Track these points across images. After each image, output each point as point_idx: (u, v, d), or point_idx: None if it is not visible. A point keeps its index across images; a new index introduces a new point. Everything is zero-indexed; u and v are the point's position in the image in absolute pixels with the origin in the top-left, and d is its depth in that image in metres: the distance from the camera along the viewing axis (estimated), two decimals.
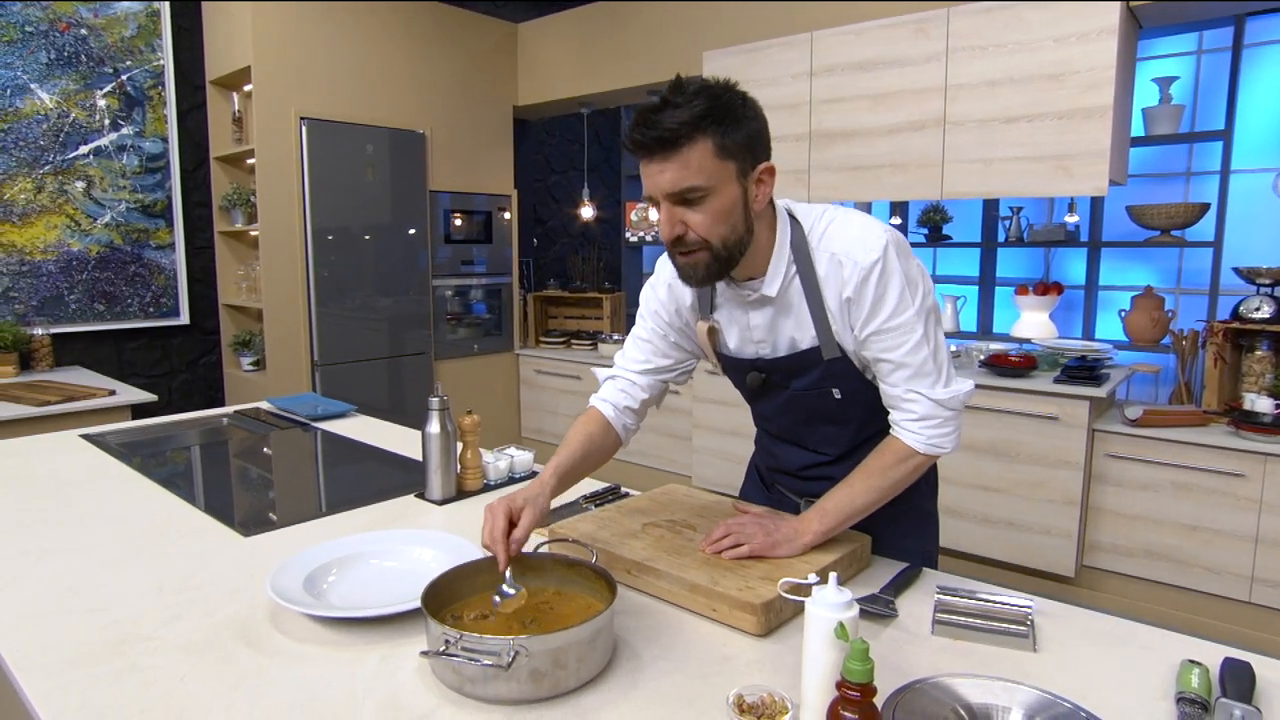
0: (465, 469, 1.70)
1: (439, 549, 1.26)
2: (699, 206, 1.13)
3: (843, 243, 1.20)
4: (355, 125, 4.00)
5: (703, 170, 1.10)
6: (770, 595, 1.10)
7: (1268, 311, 2.75)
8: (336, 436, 2.20)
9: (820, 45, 3.39)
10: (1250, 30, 3.39)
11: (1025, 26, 2.82)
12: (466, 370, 4.67)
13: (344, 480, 1.90)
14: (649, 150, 1.11)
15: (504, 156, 4.79)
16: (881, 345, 1.21)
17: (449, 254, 4.51)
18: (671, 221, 1.14)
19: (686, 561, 1.21)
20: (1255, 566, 2.64)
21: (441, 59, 4.38)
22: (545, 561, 1.14)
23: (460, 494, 1.68)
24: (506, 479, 1.79)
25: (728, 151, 1.11)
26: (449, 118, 4.44)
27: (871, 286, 1.18)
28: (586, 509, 1.58)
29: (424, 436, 1.63)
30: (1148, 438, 2.77)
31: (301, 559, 1.21)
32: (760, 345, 1.32)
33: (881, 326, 1.20)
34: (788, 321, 1.27)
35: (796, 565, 1.21)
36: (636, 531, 1.34)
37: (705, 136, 1.09)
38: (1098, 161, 2.73)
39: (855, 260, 1.18)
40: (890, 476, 1.25)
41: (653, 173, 1.13)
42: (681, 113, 1.08)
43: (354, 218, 4.03)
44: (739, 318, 1.32)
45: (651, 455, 4.34)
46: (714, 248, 1.15)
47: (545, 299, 5.16)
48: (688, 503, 1.50)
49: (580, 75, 4.49)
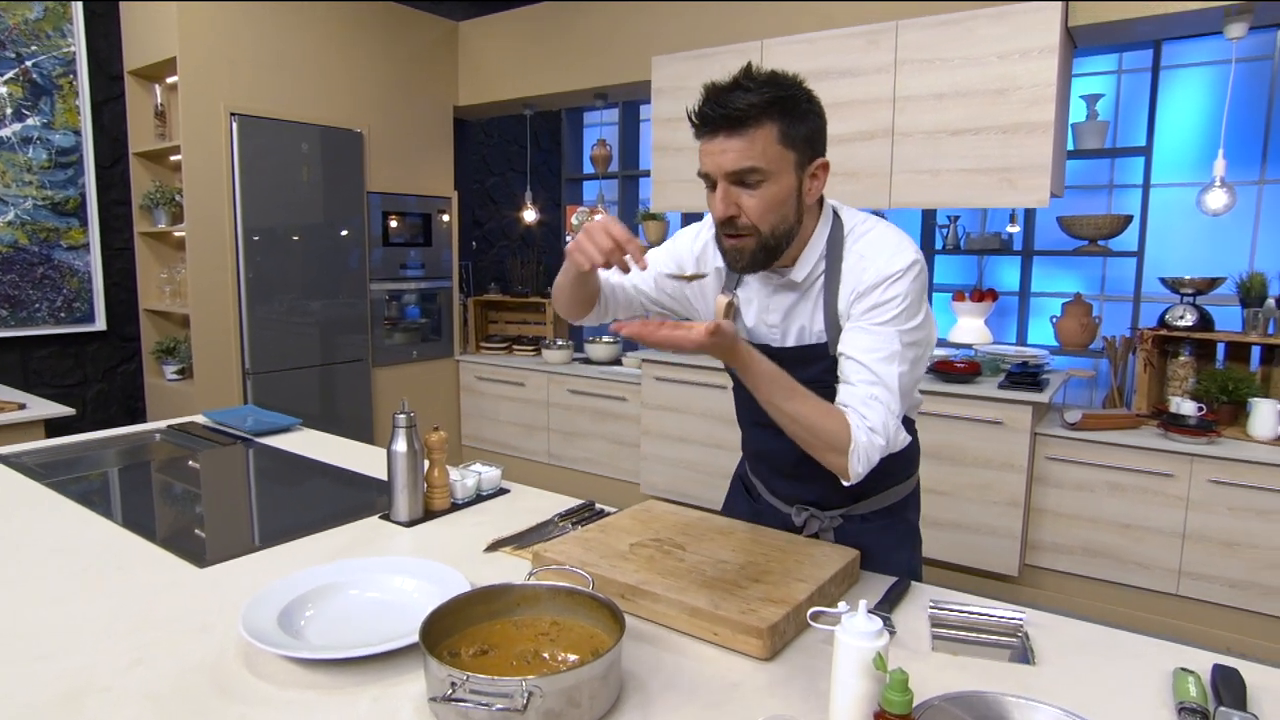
0: (432, 488, 1.63)
1: (420, 578, 1.20)
2: (755, 190, 1.15)
3: (873, 248, 1.22)
4: (289, 122, 3.82)
5: (765, 154, 1.13)
6: (775, 618, 1.08)
7: (1191, 319, 2.91)
8: (284, 453, 2.08)
9: (771, 53, 3.42)
10: (1166, 53, 3.59)
11: (972, 42, 2.91)
12: (405, 377, 4.53)
13: (300, 502, 1.80)
14: (715, 127, 1.13)
15: (444, 157, 4.67)
16: (860, 343, 1.18)
17: (387, 257, 4.37)
18: (726, 201, 1.16)
19: (683, 584, 1.19)
20: (1182, 561, 2.79)
21: (380, 56, 4.24)
22: (540, 591, 1.09)
23: (427, 514, 1.61)
24: (474, 497, 1.73)
25: (789, 140, 1.14)
26: (387, 117, 4.30)
27: (879, 288, 1.19)
28: (565, 529, 1.54)
29: (390, 455, 1.55)
30: (1085, 440, 2.89)
31: (273, 593, 1.13)
32: (772, 330, 1.33)
33: (867, 327, 1.18)
34: (804, 311, 1.29)
35: (792, 584, 1.20)
36: (624, 553, 1.31)
37: (771, 122, 1.12)
38: (1040, 174, 2.84)
39: (877, 266, 1.20)
40: (815, 425, 1.13)
41: (714, 150, 1.15)
42: (751, 95, 1.11)
43: (288, 219, 3.85)
44: (761, 298, 1.33)
45: (599, 463, 4.30)
46: (763, 235, 1.17)
47: (486, 303, 5.06)
48: (671, 520, 1.47)
49: (524, 76, 4.42)
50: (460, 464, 1.79)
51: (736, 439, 1.67)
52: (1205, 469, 2.69)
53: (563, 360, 4.51)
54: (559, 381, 4.40)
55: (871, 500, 1.43)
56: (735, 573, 1.23)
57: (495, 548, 1.44)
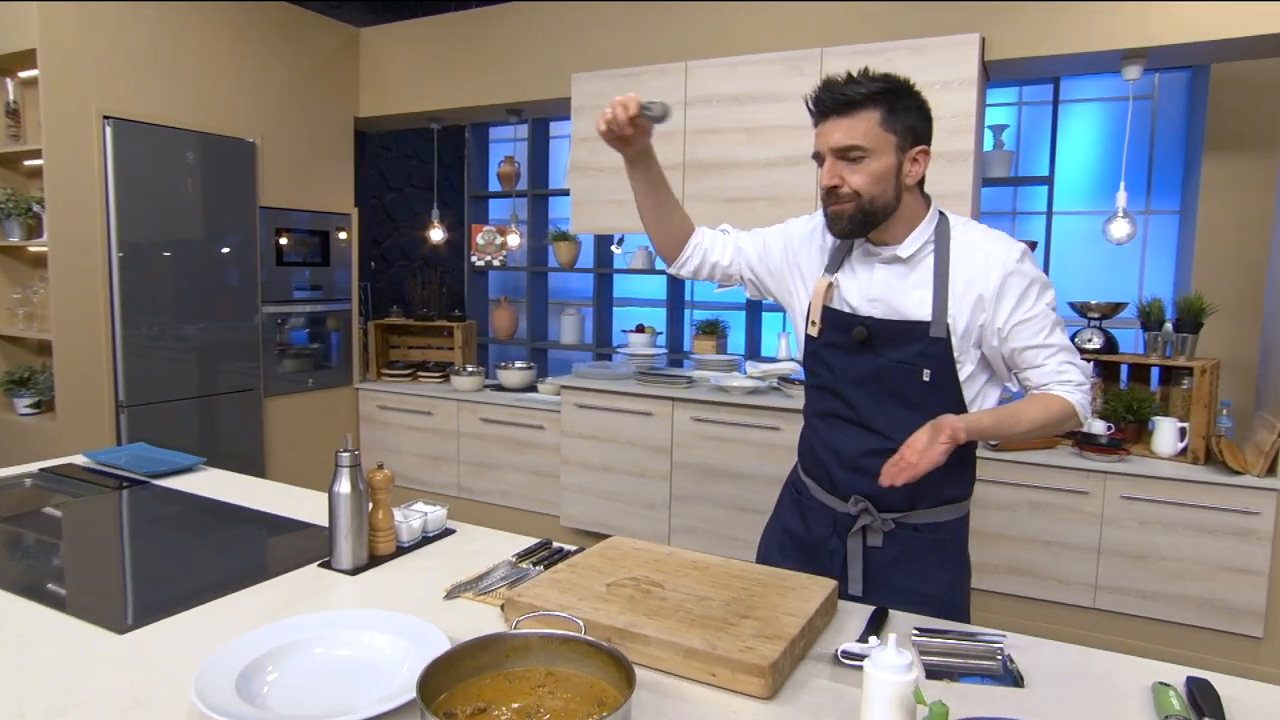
0: (377, 531, 1.56)
1: (390, 632, 1.14)
2: (857, 165, 1.38)
3: (986, 241, 1.45)
4: (172, 129, 3.61)
5: (867, 135, 1.36)
6: (774, 654, 1.10)
7: (1098, 342, 3.17)
8: (191, 497, 1.94)
9: (696, 75, 3.51)
10: (1064, 88, 3.92)
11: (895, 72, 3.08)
12: (300, 407, 4.32)
13: (223, 553, 1.68)
14: (826, 110, 1.39)
15: (343, 171, 4.52)
16: (1029, 332, 1.43)
17: (280, 277, 4.17)
18: (831, 174, 1.39)
19: (672, 624, 1.18)
20: (1098, 575, 3.00)
21: (275, 61, 4.07)
22: (531, 640, 1.06)
23: (372, 560, 1.54)
24: (420, 539, 1.66)
25: (890, 125, 1.38)
26: (282, 126, 4.13)
27: (1015, 284, 1.42)
28: (527, 570, 1.50)
29: (332, 497, 1.48)
30: (1007, 461, 3.08)
31: (227, 656, 1.05)
32: (875, 304, 1.49)
33: (1026, 316, 1.43)
34: (907, 288, 1.46)
35: (781, 618, 1.21)
36: (603, 594, 1.29)
37: (876, 108, 1.37)
38: (962, 202, 3.04)
39: (998, 258, 1.42)
40: (1047, 420, 1.42)
41: (825, 131, 1.40)
42: (861, 86, 1.37)
43: (170, 234, 3.62)
44: (863, 274, 1.51)
45: (514, 495, 4.23)
46: (862, 201, 1.39)
47: (387, 327, 4.90)
48: (640, 557, 1.46)
49: (432, 89, 4.35)
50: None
51: (661, 468, 1.74)
52: (1117, 485, 2.92)
53: (473, 387, 4.42)
54: (470, 410, 4.31)
55: (927, 512, 1.52)
56: (722, 609, 1.24)
57: (455, 594, 1.39)
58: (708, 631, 1.16)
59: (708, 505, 3.60)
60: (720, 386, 3.65)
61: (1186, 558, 2.86)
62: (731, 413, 3.50)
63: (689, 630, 1.16)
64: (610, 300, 5.12)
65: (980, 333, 1.44)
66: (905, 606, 1.38)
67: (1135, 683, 1.15)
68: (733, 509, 3.55)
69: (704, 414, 3.56)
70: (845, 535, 1.54)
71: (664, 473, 3.69)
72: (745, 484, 3.51)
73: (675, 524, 3.66)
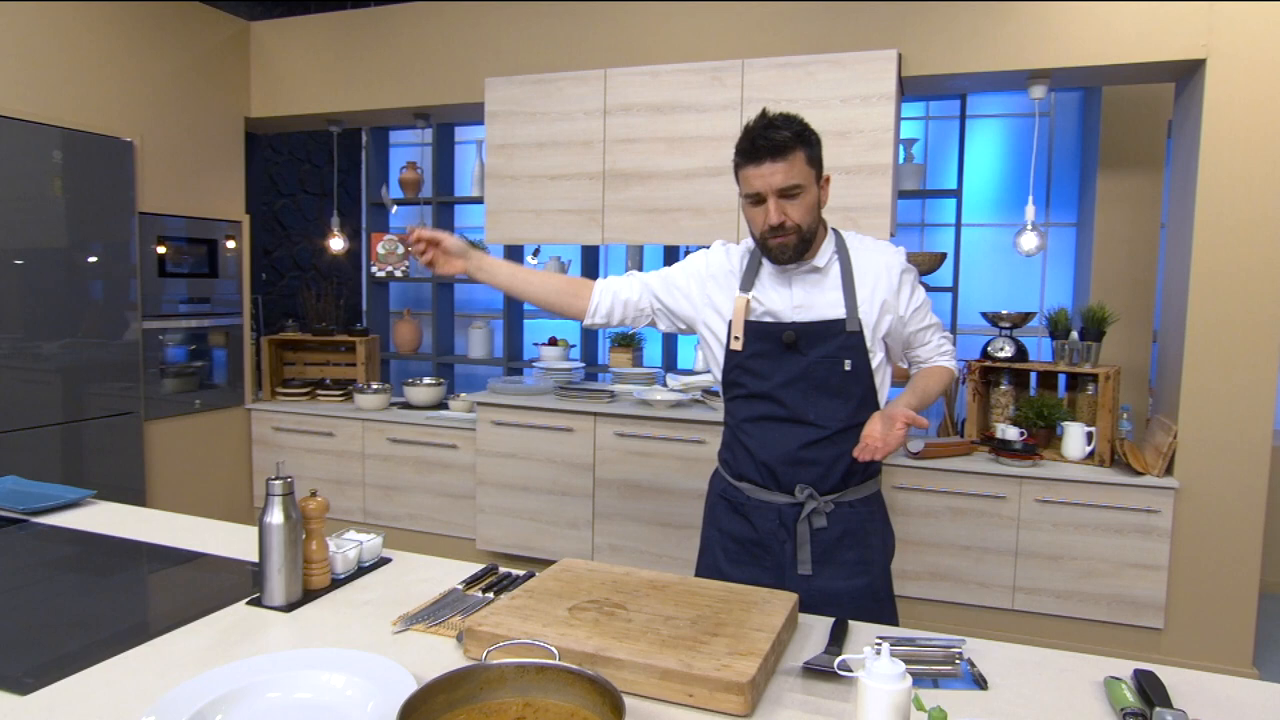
0: (311, 563, 1.50)
1: (347, 671, 1.11)
2: (796, 200, 1.61)
3: (876, 247, 1.76)
4: (36, 124, 3.36)
5: (802, 173, 1.60)
6: (752, 670, 1.12)
7: (1010, 351, 3.37)
8: (85, 534, 1.81)
9: (615, 83, 3.55)
10: (970, 104, 4.16)
11: (816, 85, 3.22)
12: (186, 431, 4.08)
13: (135, 594, 1.57)
14: (762, 155, 1.58)
15: (233, 175, 4.32)
16: (919, 316, 1.78)
17: (163, 289, 3.94)
18: (779, 212, 1.60)
19: (643, 646, 1.19)
20: (1016, 577, 3.19)
21: (154, 53, 3.85)
22: (506, 671, 1.05)
23: (306, 595, 1.48)
24: (355, 569, 1.61)
25: (812, 161, 1.63)
26: (165, 125, 3.91)
27: (907, 279, 1.75)
28: (477, 598, 1.48)
29: (263, 529, 1.42)
30: (927, 469, 3.23)
31: (170, 707, 0.99)
32: (799, 310, 1.71)
33: (918, 304, 1.77)
34: (824, 293, 1.71)
35: (751, 634, 1.24)
36: (566, 618, 1.29)
37: (802, 148, 1.60)
38: (882, 214, 3.18)
39: (892, 261, 1.73)
40: (942, 386, 1.80)
41: (764, 174, 1.59)
42: (786, 131, 1.58)
43: (33, 241, 3.36)
44: (782, 288, 1.73)
45: (425, 519, 4.12)
46: (803, 231, 1.64)
47: (281, 343, 4.70)
48: (596, 579, 1.46)
49: (332, 89, 4.22)
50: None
51: (584, 485, 1.85)
52: (1032, 489, 3.12)
53: (379, 405, 4.30)
54: (377, 429, 4.19)
55: (858, 488, 1.75)
56: (690, 628, 1.26)
57: (405, 627, 1.35)
58: (680, 651, 1.17)
59: (632, 522, 3.62)
60: (644, 400, 3.68)
61: (1096, 557, 3.07)
62: (655, 427, 3.53)
63: (662, 651, 1.17)
64: (521, 312, 5.08)
65: (889, 324, 1.72)
66: (852, 576, 1.72)
67: (1088, 679, 1.23)
68: (658, 525, 3.58)
69: (627, 429, 3.58)
70: (793, 524, 1.73)
71: (586, 490, 3.68)
72: (670, 499, 3.54)
73: (599, 542, 3.66)
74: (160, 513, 1.99)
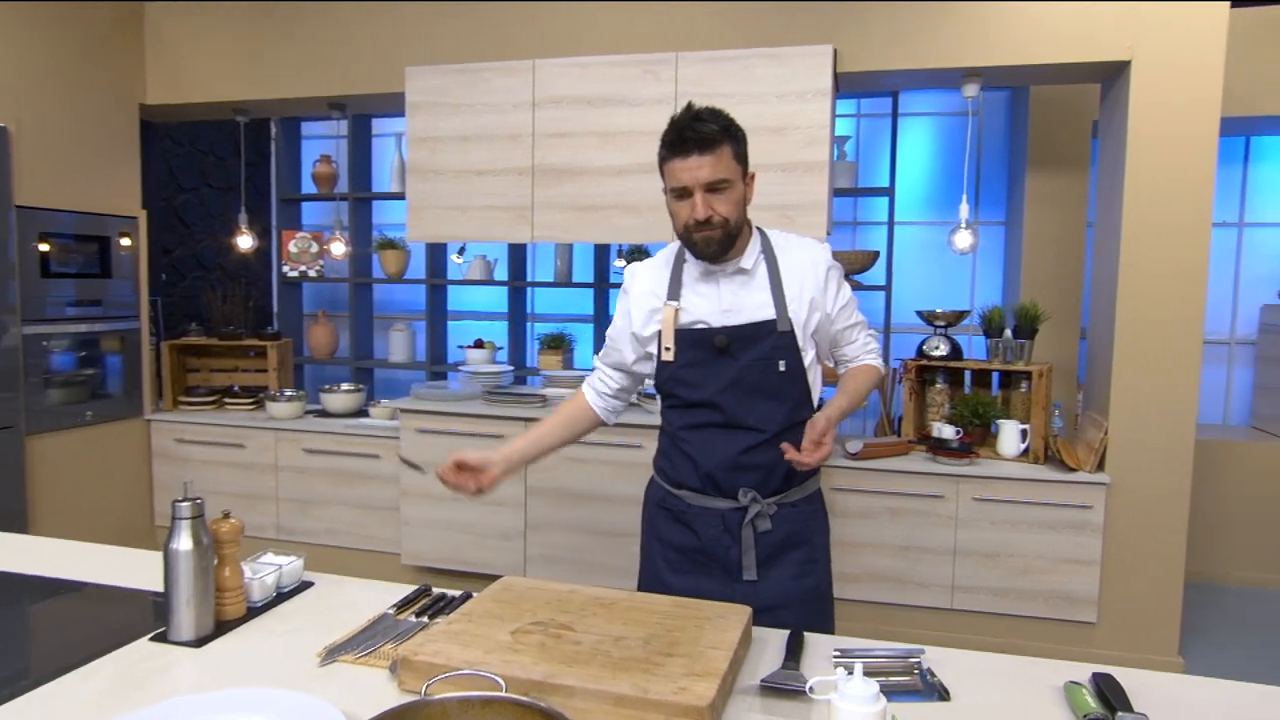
0: (224, 592, 1.40)
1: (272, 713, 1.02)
2: (723, 195, 1.60)
3: (801, 243, 1.77)
4: None
5: (729, 168, 1.60)
6: (711, 693, 1.08)
7: (945, 349, 3.44)
8: None
9: (544, 74, 3.47)
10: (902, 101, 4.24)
11: (752, 80, 3.21)
12: (76, 445, 3.83)
13: (15, 633, 1.43)
14: (690, 149, 1.56)
15: (127, 167, 4.08)
16: (845, 314, 1.79)
17: (47, 291, 3.69)
18: (706, 206, 1.59)
19: (594, 670, 1.14)
20: (954, 576, 3.25)
21: (28, 33, 3.59)
22: (449, 706, 0.98)
23: (219, 628, 1.37)
24: (273, 596, 1.51)
25: (738, 157, 1.63)
26: (44, 111, 3.65)
27: (834, 275, 1.76)
28: (410, 622, 1.40)
29: (169, 556, 1.31)
30: (865, 469, 3.26)
31: None
32: (728, 314, 1.70)
33: (845, 301, 1.78)
34: (752, 294, 1.71)
35: (707, 653, 1.20)
36: (509, 644, 1.23)
37: (729, 143, 1.59)
38: (818, 212, 3.20)
39: (818, 257, 1.74)
40: (871, 386, 1.84)
41: (691, 167, 1.57)
42: (713, 125, 1.57)
43: None
44: (709, 292, 1.72)
45: (343, 534, 3.97)
46: (729, 226, 1.63)
47: (184, 348, 4.46)
48: (539, 598, 1.41)
49: (238, 76, 4.01)
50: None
51: (515, 494, 1.82)
52: (969, 488, 3.18)
53: (293, 414, 4.12)
54: (290, 439, 4.01)
55: (800, 488, 1.76)
56: (642, 649, 1.22)
57: (331, 658, 1.27)
58: (634, 675, 1.13)
59: (566, 531, 3.55)
60: None
61: (1032, 553, 3.15)
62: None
63: (614, 676, 1.12)
64: (444, 314, 4.96)
65: (818, 321, 1.73)
66: (801, 575, 1.73)
67: (1046, 683, 1.24)
68: (593, 533, 3.52)
69: None
70: (737, 529, 1.72)
71: (518, 499, 3.60)
72: (606, 506, 3.49)
73: (531, 553, 3.58)
74: (44, 539, 1.84)
